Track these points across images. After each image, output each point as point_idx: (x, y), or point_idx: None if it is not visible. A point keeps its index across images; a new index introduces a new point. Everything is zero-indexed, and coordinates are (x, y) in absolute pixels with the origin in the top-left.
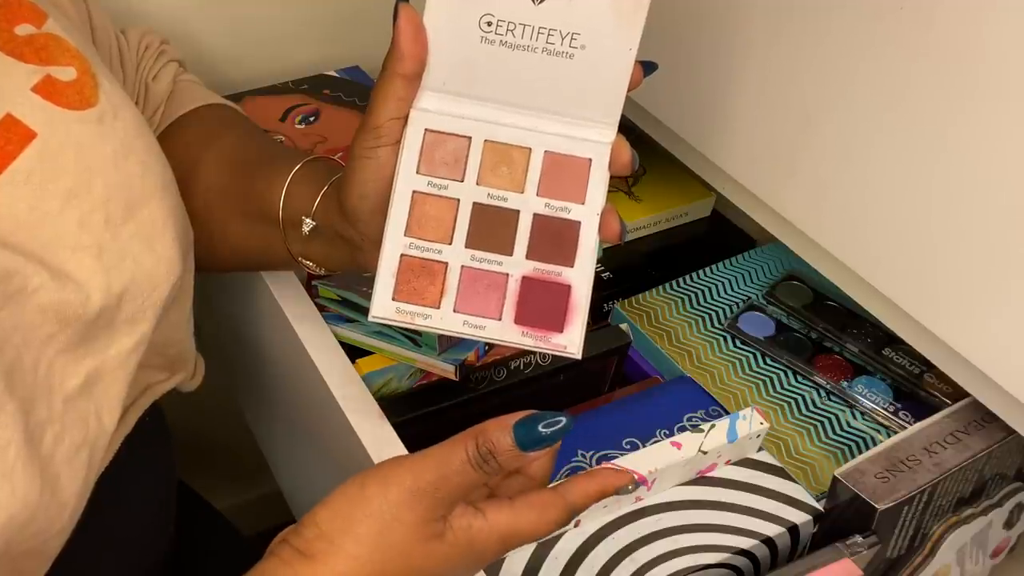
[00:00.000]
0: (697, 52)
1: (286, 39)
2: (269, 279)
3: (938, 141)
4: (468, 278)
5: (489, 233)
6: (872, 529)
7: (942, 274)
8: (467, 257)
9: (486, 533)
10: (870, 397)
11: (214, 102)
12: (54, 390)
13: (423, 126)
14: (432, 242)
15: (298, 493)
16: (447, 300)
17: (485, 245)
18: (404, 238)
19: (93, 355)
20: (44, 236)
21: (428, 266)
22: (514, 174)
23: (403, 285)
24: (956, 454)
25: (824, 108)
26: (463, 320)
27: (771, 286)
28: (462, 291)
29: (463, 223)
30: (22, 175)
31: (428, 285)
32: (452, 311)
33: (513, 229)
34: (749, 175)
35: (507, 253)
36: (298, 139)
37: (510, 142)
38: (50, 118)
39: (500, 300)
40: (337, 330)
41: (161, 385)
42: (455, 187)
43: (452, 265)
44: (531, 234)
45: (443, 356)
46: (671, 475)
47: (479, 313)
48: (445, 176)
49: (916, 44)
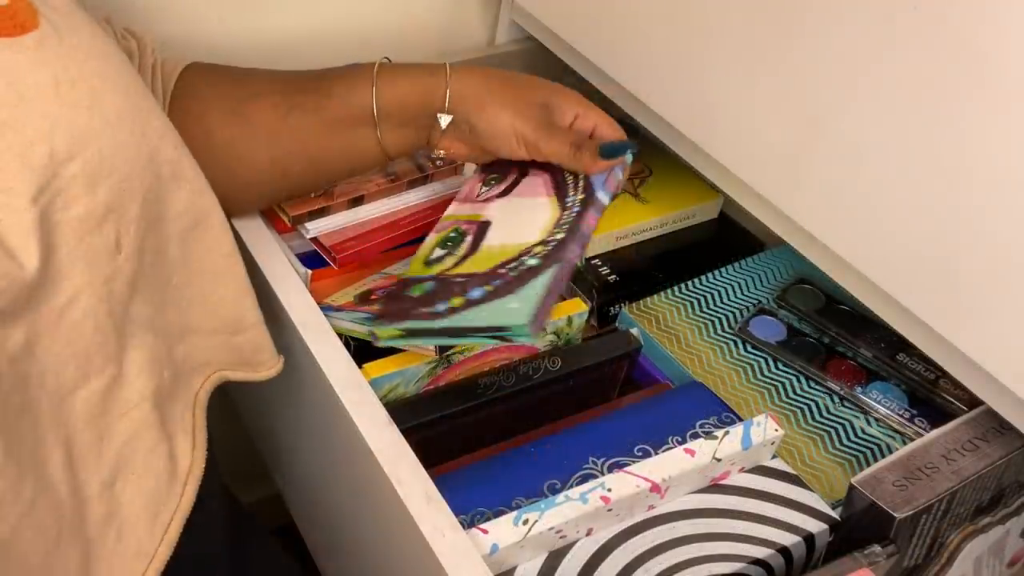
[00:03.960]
0: (705, 52)
1: (286, 37)
2: (276, 286)
3: (952, 143)
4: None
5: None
6: (890, 538)
7: (955, 279)
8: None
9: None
10: (885, 403)
11: (188, 63)
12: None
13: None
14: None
15: (300, 497)
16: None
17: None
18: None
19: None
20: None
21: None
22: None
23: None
24: (975, 461)
25: (835, 109)
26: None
27: (782, 290)
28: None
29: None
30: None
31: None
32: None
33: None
34: (757, 176)
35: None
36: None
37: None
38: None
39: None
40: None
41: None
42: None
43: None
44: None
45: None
46: (684, 483)
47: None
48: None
49: (930, 44)
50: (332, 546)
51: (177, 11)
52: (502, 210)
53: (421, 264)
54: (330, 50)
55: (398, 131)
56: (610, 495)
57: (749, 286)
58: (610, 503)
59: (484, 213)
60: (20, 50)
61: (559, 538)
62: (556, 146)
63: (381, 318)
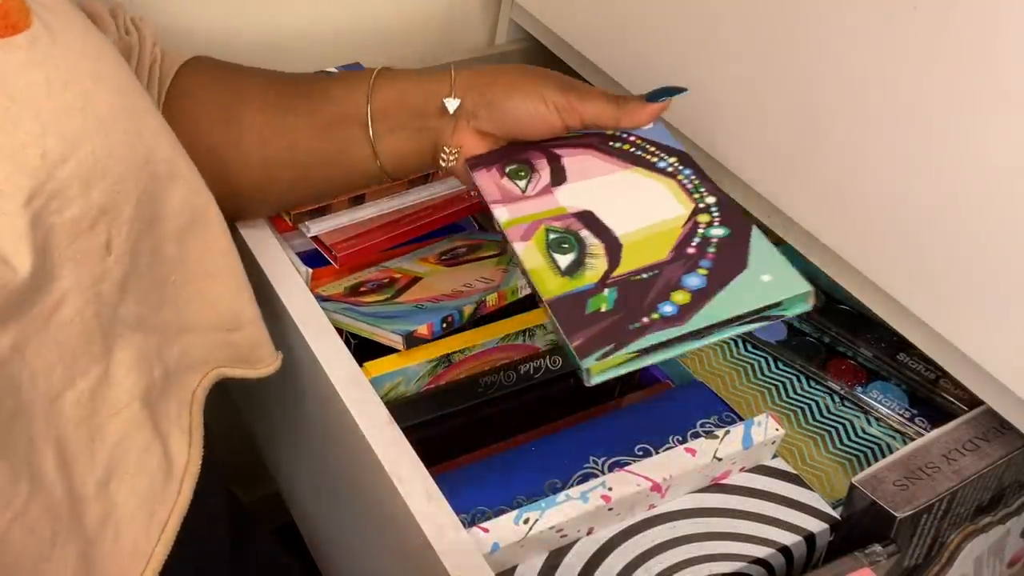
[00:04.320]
0: (705, 52)
1: (286, 37)
2: (277, 284)
3: (952, 143)
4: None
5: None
6: (891, 538)
7: (955, 279)
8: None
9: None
10: (885, 403)
11: (190, 56)
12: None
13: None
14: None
15: (300, 496)
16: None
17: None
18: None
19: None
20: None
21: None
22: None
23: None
24: (976, 461)
25: (834, 109)
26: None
27: None
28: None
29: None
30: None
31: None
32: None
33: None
34: (757, 176)
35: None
36: None
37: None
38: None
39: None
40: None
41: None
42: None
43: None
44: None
45: (391, 326)
46: (685, 482)
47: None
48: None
49: (930, 45)
50: (332, 546)
51: (180, 5)
52: (587, 196)
53: (556, 277)
54: (329, 49)
55: (394, 135)
56: (611, 494)
57: None
58: (611, 502)
59: (566, 205)
60: (11, 51)
61: (560, 537)
62: (597, 103)
63: (586, 350)
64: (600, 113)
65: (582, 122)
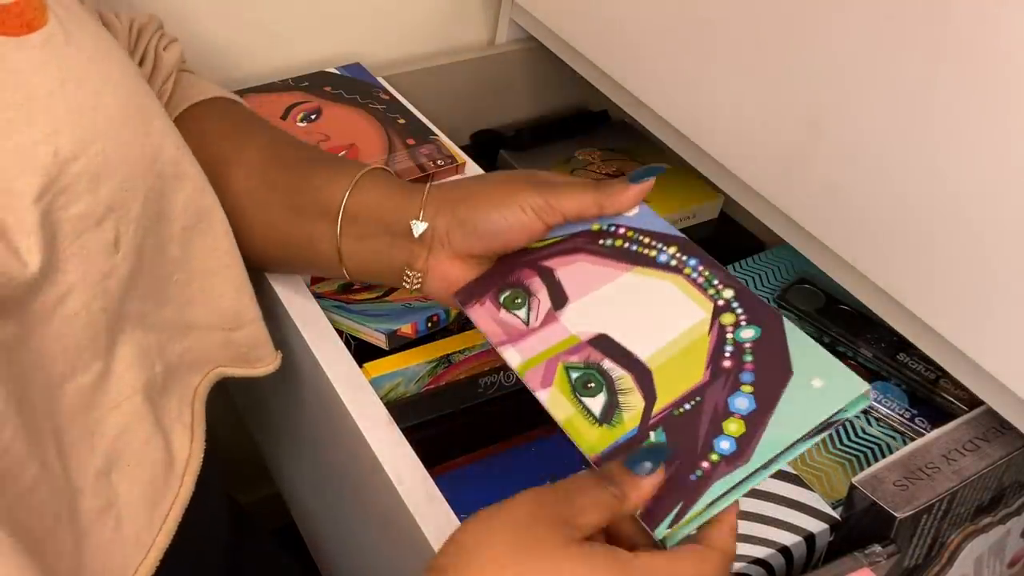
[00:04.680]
0: (705, 52)
1: (286, 37)
2: (276, 283)
3: (952, 142)
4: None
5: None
6: (891, 538)
7: (956, 279)
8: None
9: (644, 562)
10: (885, 403)
11: (231, 98)
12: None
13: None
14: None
15: (300, 497)
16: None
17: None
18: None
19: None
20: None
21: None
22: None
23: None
24: (976, 461)
25: (834, 108)
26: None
27: (782, 290)
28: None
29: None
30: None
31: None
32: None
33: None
34: (757, 176)
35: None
36: (300, 137)
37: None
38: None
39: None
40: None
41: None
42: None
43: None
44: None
45: (375, 325)
46: None
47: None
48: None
49: (930, 44)
50: (332, 546)
51: (181, 5)
52: (595, 315)
53: (594, 427)
54: (329, 48)
55: (363, 243)
56: None
57: (749, 286)
58: None
59: (577, 332)
60: (27, 49)
61: None
62: (575, 196)
63: (654, 518)
64: (581, 204)
65: (564, 218)
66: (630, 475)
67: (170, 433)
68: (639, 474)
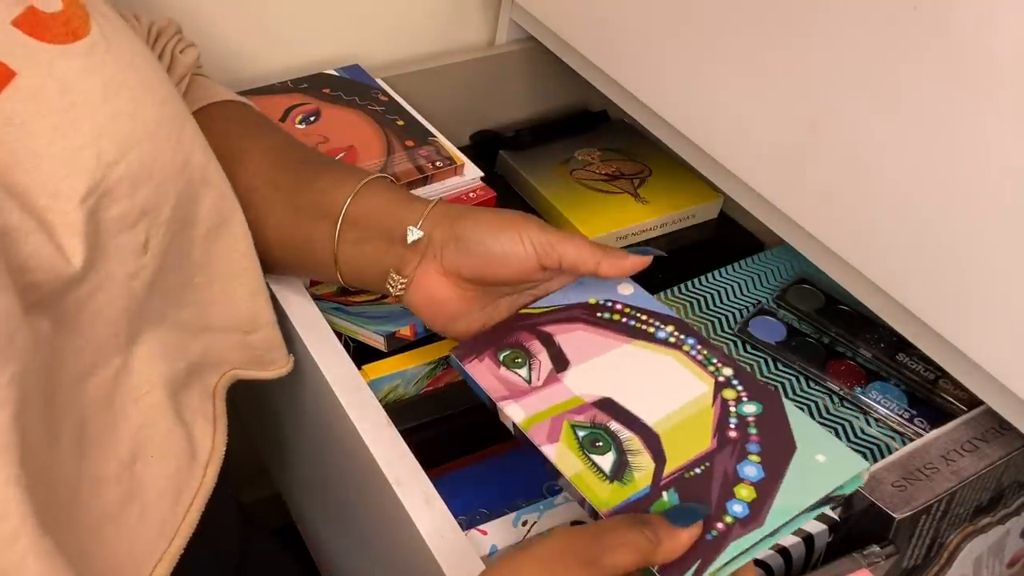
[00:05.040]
0: (705, 52)
1: (285, 38)
2: (275, 285)
3: (952, 142)
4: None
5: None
6: (889, 539)
7: (955, 279)
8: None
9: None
10: (884, 403)
11: (242, 101)
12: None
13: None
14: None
15: (300, 497)
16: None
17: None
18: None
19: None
20: (31, 178)
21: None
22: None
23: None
24: (975, 462)
25: (834, 108)
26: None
27: (782, 290)
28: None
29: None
30: (2, 116)
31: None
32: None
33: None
34: (757, 176)
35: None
36: (299, 138)
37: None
38: (31, 54)
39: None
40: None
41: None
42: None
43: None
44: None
45: (374, 327)
46: None
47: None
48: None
49: (930, 44)
50: (332, 546)
51: (182, 4)
52: (599, 380)
53: (605, 483)
54: (328, 49)
55: (359, 248)
56: None
57: (749, 286)
58: None
59: (581, 394)
60: (72, 57)
61: None
62: (577, 246)
63: (674, 574)
64: (580, 255)
65: (560, 263)
66: (667, 523)
67: (192, 426)
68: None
